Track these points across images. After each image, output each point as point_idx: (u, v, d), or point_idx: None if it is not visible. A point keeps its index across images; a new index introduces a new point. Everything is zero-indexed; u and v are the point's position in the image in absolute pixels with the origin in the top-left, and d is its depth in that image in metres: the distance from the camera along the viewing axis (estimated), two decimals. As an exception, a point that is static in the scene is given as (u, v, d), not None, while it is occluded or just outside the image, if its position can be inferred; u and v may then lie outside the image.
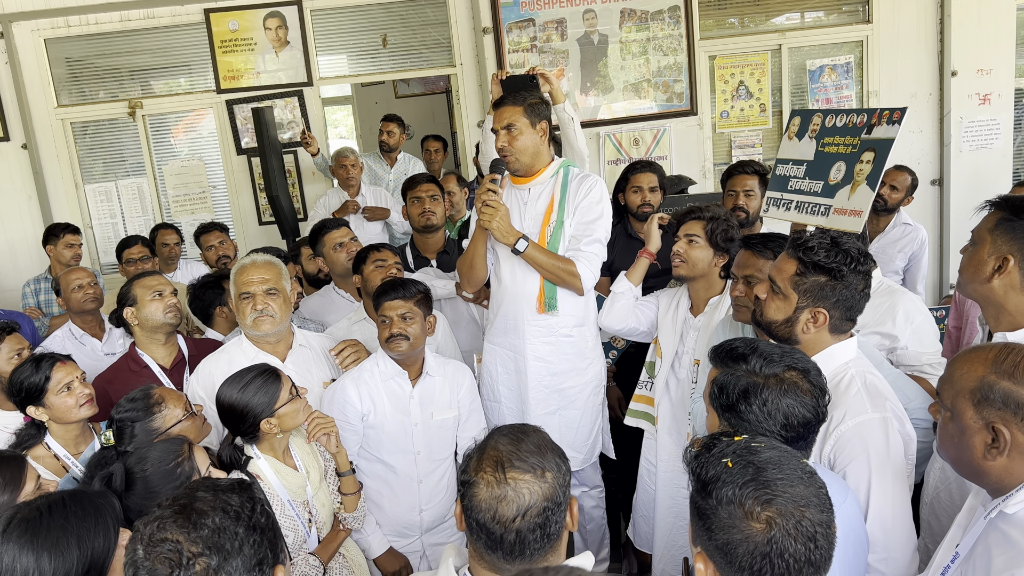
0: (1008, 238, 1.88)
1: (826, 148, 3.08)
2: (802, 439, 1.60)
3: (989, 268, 1.89)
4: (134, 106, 5.87)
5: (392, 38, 5.97)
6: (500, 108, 2.87)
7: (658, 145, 5.93)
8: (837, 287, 1.89)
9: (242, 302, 2.70)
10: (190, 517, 1.23)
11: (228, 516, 1.25)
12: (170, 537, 1.21)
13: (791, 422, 1.57)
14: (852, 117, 3.01)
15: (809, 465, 1.29)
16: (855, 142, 2.95)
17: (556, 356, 2.95)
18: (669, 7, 5.74)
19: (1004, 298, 1.89)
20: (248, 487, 1.34)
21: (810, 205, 3.04)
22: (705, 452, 1.28)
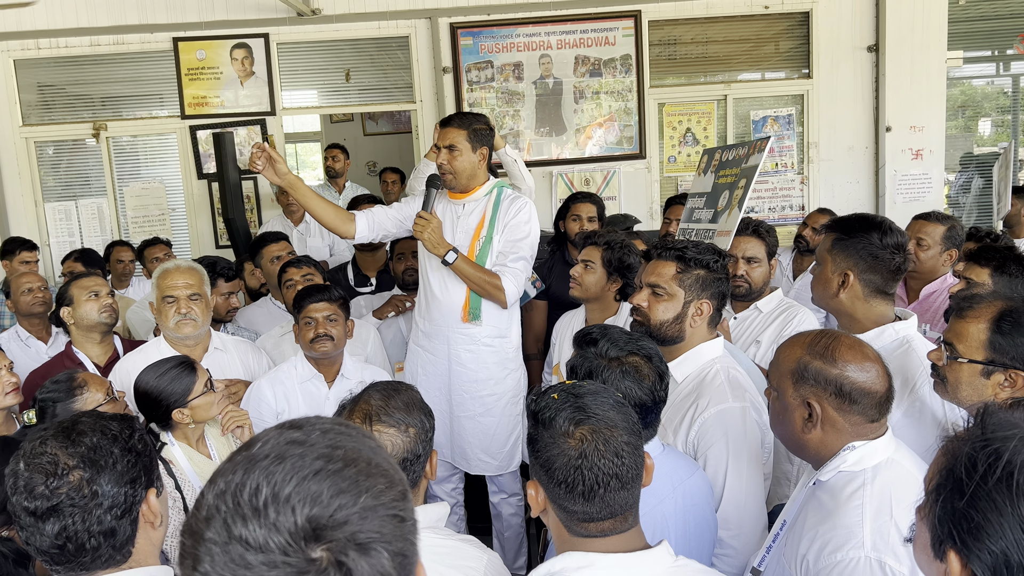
0: (844, 256, 2.14)
1: (720, 179, 3.34)
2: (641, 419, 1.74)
3: (835, 284, 2.14)
4: (99, 128, 6.02)
5: (356, 75, 6.20)
6: (446, 128, 3.07)
7: (608, 186, 6.17)
8: (711, 278, 2.09)
9: (166, 305, 2.83)
10: (70, 436, 1.37)
11: (106, 437, 1.38)
12: (49, 451, 1.34)
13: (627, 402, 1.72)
14: (740, 150, 3.27)
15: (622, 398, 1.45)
16: (736, 171, 3.22)
17: (476, 364, 3.10)
18: (621, 56, 6.04)
19: (852, 308, 2.14)
20: (131, 420, 1.47)
21: (703, 232, 3.26)
22: (541, 394, 1.44)
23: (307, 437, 0.77)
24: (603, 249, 2.96)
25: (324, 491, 0.71)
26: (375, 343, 3.34)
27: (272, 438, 0.77)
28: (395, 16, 5.91)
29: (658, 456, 1.74)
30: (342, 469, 0.74)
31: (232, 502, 0.71)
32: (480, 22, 5.95)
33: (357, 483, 0.73)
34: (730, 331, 2.81)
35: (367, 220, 3.12)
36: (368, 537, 0.71)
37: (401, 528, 0.75)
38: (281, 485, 0.71)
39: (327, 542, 0.69)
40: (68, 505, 1.31)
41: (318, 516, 0.70)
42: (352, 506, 0.72)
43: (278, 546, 0.68)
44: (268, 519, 0.69)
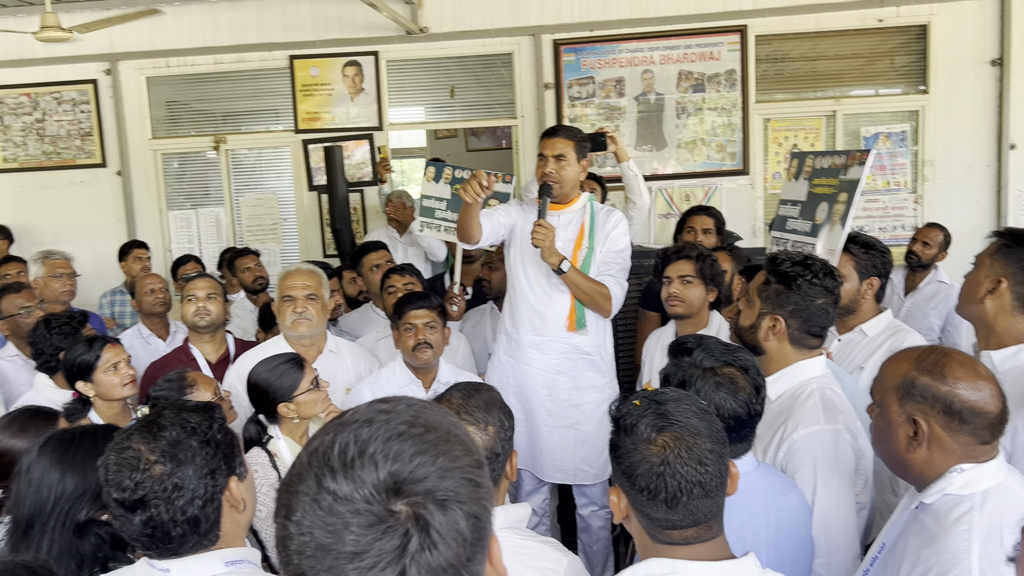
0: (1004, 262, 2.00)
1: (815, 189, 3.19)
2: (734, 432, 1.69)
3: (983, 289, 2.01)
4: (219, 141, 6.38)
5: (460, 91, 6.35)
6: (555, 137, 3.12)
7: (709, 202, 6.06)
8: (792, 296, 2.02)
9: (284, 304, 2.97)
10: (151, 431, 1.44)
11: (185, 431, 1.44)
12: (133, 446, 1.42)
13: (721, 414, 1.67)
14: (835, 159, 3.12)
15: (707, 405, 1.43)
16: (835, 182, 3.05)
17: (576, 372, 3.14)
18: (726, 71, 5.95)
19: (994, 319, 2.01)
20: (211, 408, 1.54)
21: (802, 244, 3.14)
22: (623, 401, 1.44)
23: (393, 408, 0.83)
24: (696, 261, 2.92)
25: (405, 450, 0.77)
26: (465, 351, 3.40)
27: (363, 408, 0.84)
28: (500, 33, 6.02)
29: (752, 471, 1.70)
30: (423, 434, 0.79)
31: (323, 458, 0.77)
32: (583, 38, 5.99)
33: (436, 447, 0.79)
34: (831, 354, 2.70)
35: (488, 227, 3.16)
36: (444, 495, 0.76)
37: (476, 492, 0.79)
38: (367, 443, 0.77)
39: (407, 496, 0.74)
40: (152, 497, 1.38)
41: (399, 472, 0.75)
42: (430, 465, 0.77)
43: (363, 497, 0.74)
44: (354, 472, 0.75)
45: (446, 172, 4.04)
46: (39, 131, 6.41)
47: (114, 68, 6.22)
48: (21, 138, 6.44)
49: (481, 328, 3.72)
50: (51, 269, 4.11)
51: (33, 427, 2.20)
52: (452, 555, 0.75)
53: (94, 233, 6.40)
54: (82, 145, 6.41)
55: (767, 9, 5.80)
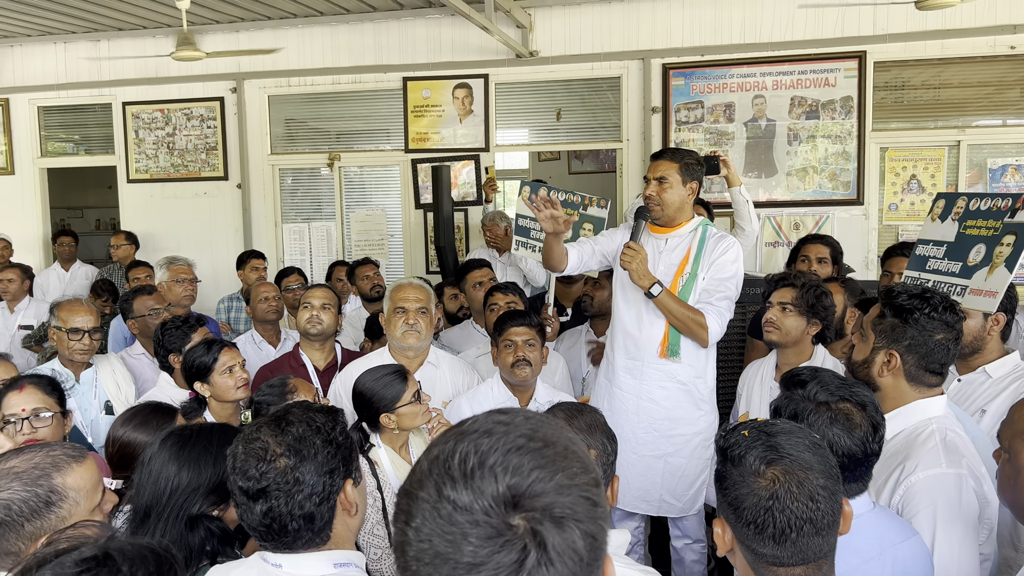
0: None
1: (968, 230, 3.03)
2: (848, 470, 1.62)
3: None
4: (333, 158, 6.63)
5: (566, 114, 6.39)
6: (658, 160, 3.09)
7: (819, 231, 5.87)
8: (909, 330, 1.92)
9: (395, 316, 3.05)
10: (280, 425, 1.50)
11: (311, 428, 1.50)
12: (262, 437, 1.48)
13: (835, 451, 1.59)
14: (996, 201, 2.97)
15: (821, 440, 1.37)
16: (997, 225, 2.89)
17: (669, 402, 3.05)
18: (841, 97, 5.77)
19: None
20: (335, 412, 1.59)
21: (946, 285, 2.98)
22: (730, 430, 1.40)
23: (512, 420, 0.83)
24: (799, 290, 2.82)
25: (525, 464, 0.76)
26: (563, 373, 3.39)
27: (481, 418, 0.84)
28: (609, 57, 6.04)
29: (867, 513, 1.62)
30: (542, 448, 0.79)
31: (444, 466, 0.78)
32: (693, 63, 5.93)
33: (554, 462, 0.78)
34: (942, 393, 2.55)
35: (577, 255, 3.18)
36: (562, 512, 0.75)
37: (593, 511, 0.78)
38: (487, 454, 0.77)
39: (525, 511, 0.74)
40: (274, 489, 1.43)
41: (517, 485, 0.75)
42: (548, 481, 0.76)
43: (481, 508, 0.74)
44: (474, 483, 0.76)
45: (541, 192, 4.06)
46: (169, 145, 6.83)
47: (240, 87, 6.58)
48: (153, 151, 6.87)
49: (576, 350, 3.71)
50: (175, 274, 4.35)
51: (154, 422, 2.33)
52: (568, 574, 0.74)
53: (213, 242, 6.75)
54: (207, 159, 6.79)
55: (888, 35, 5.59)
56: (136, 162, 6.92)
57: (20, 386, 2.44)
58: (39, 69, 7.00)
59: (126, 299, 3.82)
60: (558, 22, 6.10)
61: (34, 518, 1.45)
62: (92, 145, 7.22)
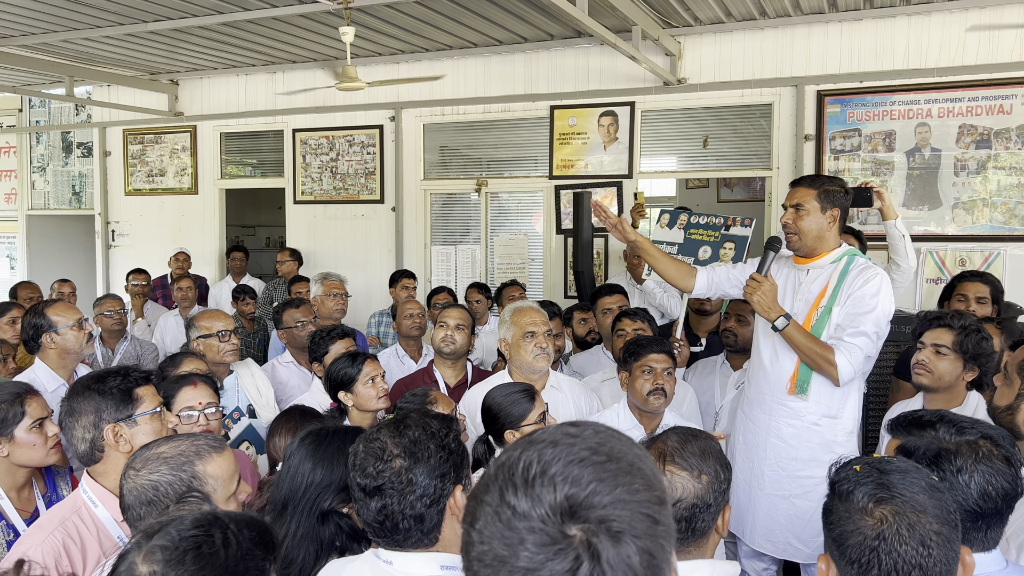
0: None
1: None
2: (999, 514, 1.51)
3: None
4: (481, 184, 6.86)
5: (713, 141, 6.30)
6: (796, 187, 2.99)
7: (988, 267, 5.44)
8: None
9: (525, 340, 3.11)
10: (399, 428, 1.59)
11: (426, 433, 1.57)
12: (381, 438, 1.57)
13: (990, 492, 1.50)
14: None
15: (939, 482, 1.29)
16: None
17: (798, 441, 2.92)
18: (1017, 126, 5.35)
19: None
20: (450, 420, 1.66)
21: None
22: (844, 465, 1.34)
23: (580, 432, 0.85)
24: (957, 333, 2.62)
25: (585, 476, 0.78)
26: (691, 403, 3.33)
27: (552, 429, 0.87)
28: (760, 84, 5.91)
29: (998, 572, 1.51)
30: (605, 462, 0.80)
31: (508, 472, 0.81)
32: (851, 89, 5.69)
33: (616, 476, 0.79)
34: None
35: (707, 277, 3.15)
36: (619, 527, 0.76)
37: (653, 529, 0.78)
38: (549, 464, 0.80)
39: (582, 522, 0.75)
40: (389, 487, 1.51)
41: (575, 496, 0.77)
42: (607, 494, 0.77)
43: (539, 516, 0.76)
44: (534, 491, 0.78)
45: (681, 218, 4.03)
46: (332, 169, 7.32)
47: (398, 115, 6.96)
48: (318, 175, 7.39)
49: (709, 381, 3.63)
50: (328, 289, 4.65)
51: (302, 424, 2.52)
52: None
53: (368, 261, 7.14)
54: (365, 183, 7.21)
55: (1075, 57, 5.14)
56: (302, 184, 7.45)
57: (193, 382, 2.70)
58: (222, 99, 7.71)
59: (278, 311, 4.12)
60: (708, 49, 6.04)
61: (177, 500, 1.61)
62: (265, 168, 7.85)
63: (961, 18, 5.38)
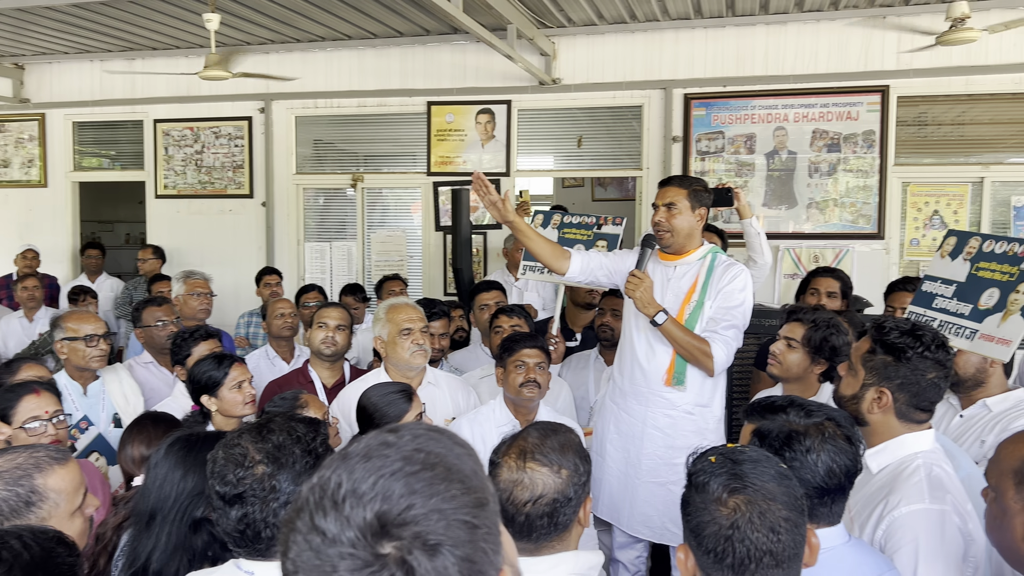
0: None
1: (980, 272, 2.96)
2: (842, 490, 1.60)
3: None
4: (357, 179, 6.73)
5: (587, 141, 6.44)
6: (667, 186, 3.08)
7: (839, 264, 5.82)
8: (901, 368, 1.89)
9: (402, 336, 3.06)
10: (262, 432, 1.53)
11: (291, 438, 1.52)
12: (242, 444, 1.51)
13: (834, 469, 1.59)
14: (1013, 246, 2.90)
15: (788, 469, 1.36)
16: (1014, 271, 2.80)
17: (674, 430, 3.03)
18: (864, 131, 5.74)
19: None
20: (318, 423, 1.61)
21: (955, 326, 2.92)
22: (700, 456, 1.39)
23: (398, 440, 0.81)
24: (807, 327, 2.79)
25: (397, 489, 0.74)
26: (566, 398, 3.39)
27: (368, 439, 0.82)
28: (631, 86, 6.08)
29: (841, 546, 1.60)
30: (419, 471, 0.77)
31: (319, 495, 0.76)
32: (715, 93, 5.95)
33: (431, 485, 0.76)
34: None
35: (581, 261, 3.18)
36: (436, 539, 0.73)
37: (472, 534, 0.75)
38: (359, 482, 0.76)
39: (395, 539, 0.72)
40: (250, 495, 1.45)
41: (387, 512, 0.73)
42: (421, 506, 0.74)
43: (349, 540, 0.72)
44: (343, 513, 0.74)
45: (555, 218, 4.09)
46: (197, 162, 6.99)
47: (268, 107, 6.72)
48: (181, 167, 7.03)
49: (583, 376, 3.70)
50: (191, 288, 4.43)
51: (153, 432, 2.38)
52: None
53: (237, 258, 6.86)
54: (233, 176, 6.93)
55: (911, 70, 5.58)
56: (164, 178, 7.08)
57: (35, 390, 2.50)
58: (75, 86, 7.21)
59: (137, 308, 3.90)
60: (581, 51, 6.16)
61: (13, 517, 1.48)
62: (124, 160, 7.41)
63: (814, 29, 5.73)
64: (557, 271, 3.18)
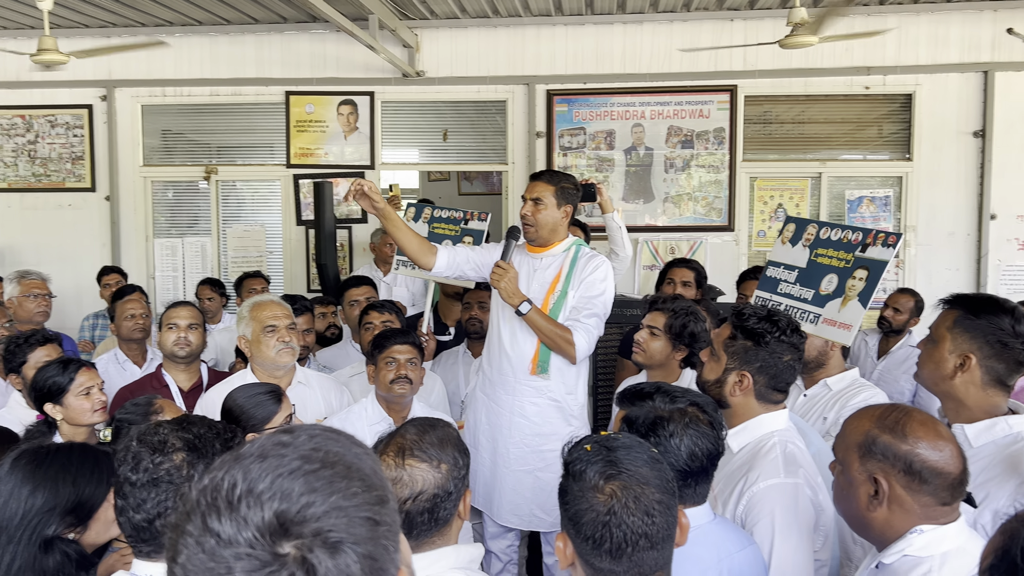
0: (968, 337, 1.93)
1: (819, 259, 3.16)
2: (704, 471, 1.68)
3: (951, 366, 1.93)
4: (210, 172, 6.41)
5: (453, 135, 6.43)
6: (536, 181, 3.16)
7: (693, 255, 6.11)
8: (761, 352, 2.02)
9: (266, 335, 2.94)
10: (183, 424, 1.52)
11: (212, 431, 1.51)
12: (161, 432, 1.48)
13: (696, 453, 1.66)
14: (847, 233, 3.09)
15: (658, 454, 1.41)
16: (849, 258, 3.00)
17: (540, 418, 3.10)
18: (715, 128, 6.05)
19: (965, 394, 1.93)
20: (235, 429, 1.58)
21: (799, 311, 3.12)
22: (575, 445, 1.42)
23: (294, 440, 0.79)
24: (668, 315, 2.93)
25: (296, 488, 0.73)
26: (439, 393, 3.38)
27: (262, 440, 0.80)
28: (495, 81, 6.12)
29: (707, 524, 1.68)
30: (318, 470, 0.75)
31: (211, 496, 0.73)
32: (576, 90, 6.09)
33: (331, 483, 0.75)
34: None
35: (447, 256, 3.19)
36: (337, 536, 0.72)
37: (374, 531, 0.75)
38: (256, 481, 0.73)
39: (295, 538, 0.70)
40: (166, 481, 1.42)
41: (286, 511, 0.71)
42: (322, 504, 0.73)
43: (246, 540, 0.70)
44: (239, 513, 0.71)
45: (425, 212, 4.07)
46: (31, 153, 6.43)
47: (110, 94, 6.28)
48: (12, 159, 6.45)
49: (454, 371, 3.70)
50: (26, 289, 4.08)
51: None
52: None
53: (78, 256, 6.37)
54: (72, 169, 6.43)
55: (757, 71, 5.92)
56: (-8, 170, 6.47)
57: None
58: None
59: (-36, 313, 3.55)
60: (445, 44, 6.14)
61: None
62: (-57, 150, 6.71)
63: (668, 29, 5.97)
64: (424, 266, 3.17)
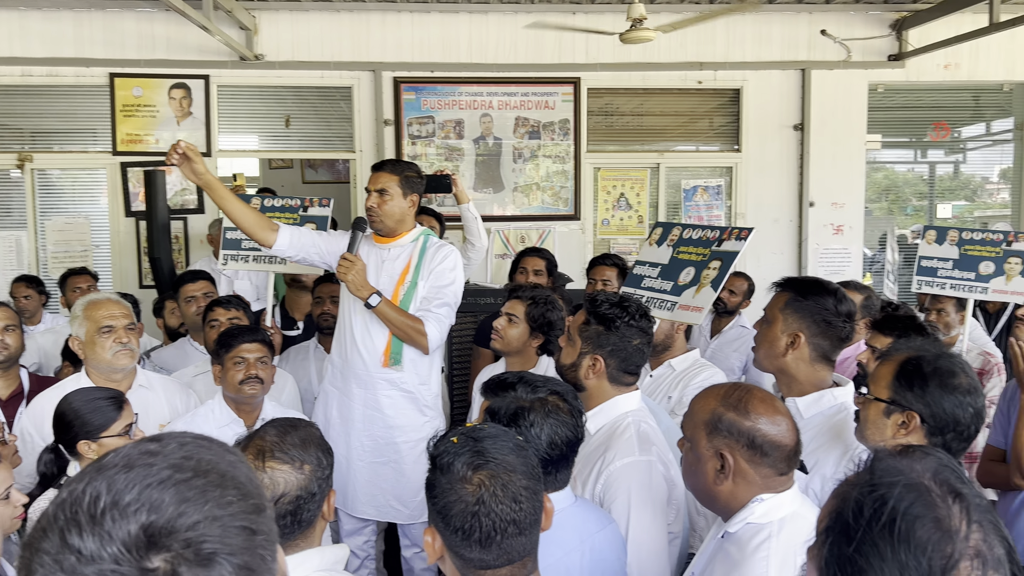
0: (797, 317, 2.14)
1: (680, 255, 3.38)
2: (565, 458, 1.73)
3: (783, 344, 2.13)
4: (24, 159, 5.85)
5: (296, 122, 6.20)
6: (378, 172, 3.08)
7: (543, 244, 6.24)
8: (612, 336, 2.10)
9: (102, 336, 2.72)
10: None
11: None
12: None
13: (556, 441, 1.70)
14: (706, 232, 3.33)
15: (524, 441, 1.43)
16: (706, 252, 3.25)
17: (394, 410, 3.07)
18: (560, 120, 6.19)
19: (796, 370, 2.13)
20: None
21: (658, 300, 3.31)
22: (441, 438, 1.42)
23: (162, 449, 0.74)
24: (527, 304, 2.98)
25: (167, 499, 0.69)
26: (291, 391, 3.27)
27: (127, 449, 0.75)
28: (339, 67, 5.96)
29: (568, 507, 1.72)
30: (191, 479, 0.71)
31: (71, 511, 0.68)
32: (423, 78, 6.04)
33: (204, 492, 0.71)
34: None
35: (290, 236, 3.06)
36: (211, 547, 0.68)
37: (251, 540, 0.71)
38: (122, 493, 0.68)
39: (164, 551, 0.66)
40: None
41: (155, 523, 0.67)
42: (195, 514, 0.69)
43: (111, 556, 0.65)
44: (103, 528, 0.66)
45: (254, 201, 3.89)
46: None
47: (-101, 72, 5.59)
48: None
49: (305, 367, 3.59)
50: None
51: None
52: None
53: None
54: None
55: (598, 64, 6.11)
56: None
57: None
58: None
59: None
60: (285, 27, 5.91)
61: None
62: None
63: (513, 20, 6.03)
64: (263, 243, 3.03)
